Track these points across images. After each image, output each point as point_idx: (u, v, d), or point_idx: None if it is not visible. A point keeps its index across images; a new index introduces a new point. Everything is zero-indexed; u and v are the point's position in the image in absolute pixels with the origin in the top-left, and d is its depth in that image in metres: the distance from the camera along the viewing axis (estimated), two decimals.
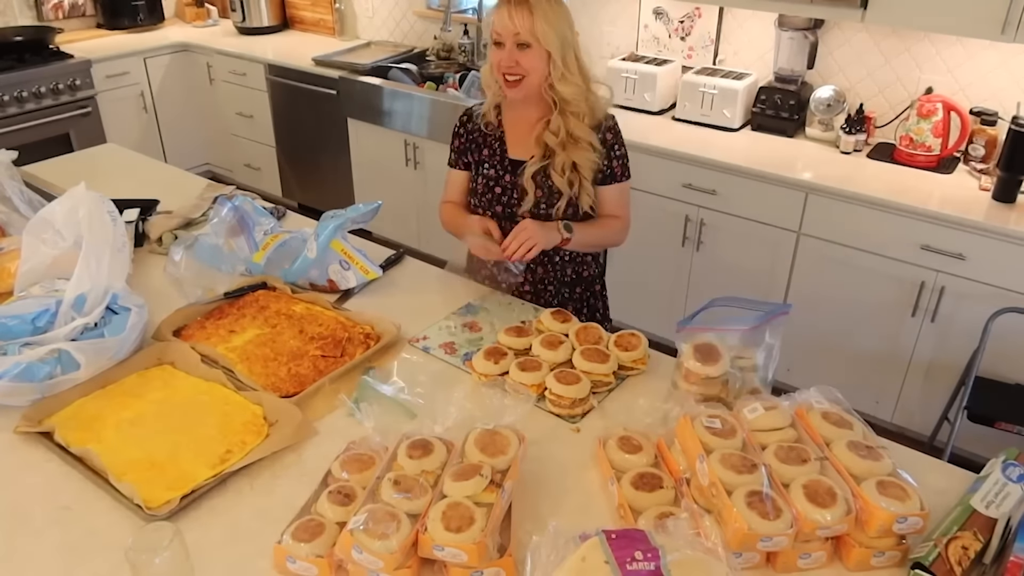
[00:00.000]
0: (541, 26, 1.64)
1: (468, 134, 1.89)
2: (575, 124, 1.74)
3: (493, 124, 1.86)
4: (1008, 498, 1.16)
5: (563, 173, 1.75)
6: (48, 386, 1.45)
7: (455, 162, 1.93)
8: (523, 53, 1.67)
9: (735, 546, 1.09)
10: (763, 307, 1.45)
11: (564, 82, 1.70)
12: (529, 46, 1.66)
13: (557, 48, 1.67)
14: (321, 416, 1.45)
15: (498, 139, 1.85)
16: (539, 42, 1.65)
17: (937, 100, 2.66)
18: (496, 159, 1.85)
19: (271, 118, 4.28)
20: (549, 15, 1.65)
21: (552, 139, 1.75)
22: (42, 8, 4.32)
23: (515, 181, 1.81)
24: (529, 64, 1.68)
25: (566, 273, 1.93)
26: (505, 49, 1.68)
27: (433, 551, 1.07)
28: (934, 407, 2.63)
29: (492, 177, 1.84)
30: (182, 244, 1.89)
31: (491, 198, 1.85)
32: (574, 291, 1.96)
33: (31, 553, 1.17)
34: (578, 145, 1.74)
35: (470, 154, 1.89)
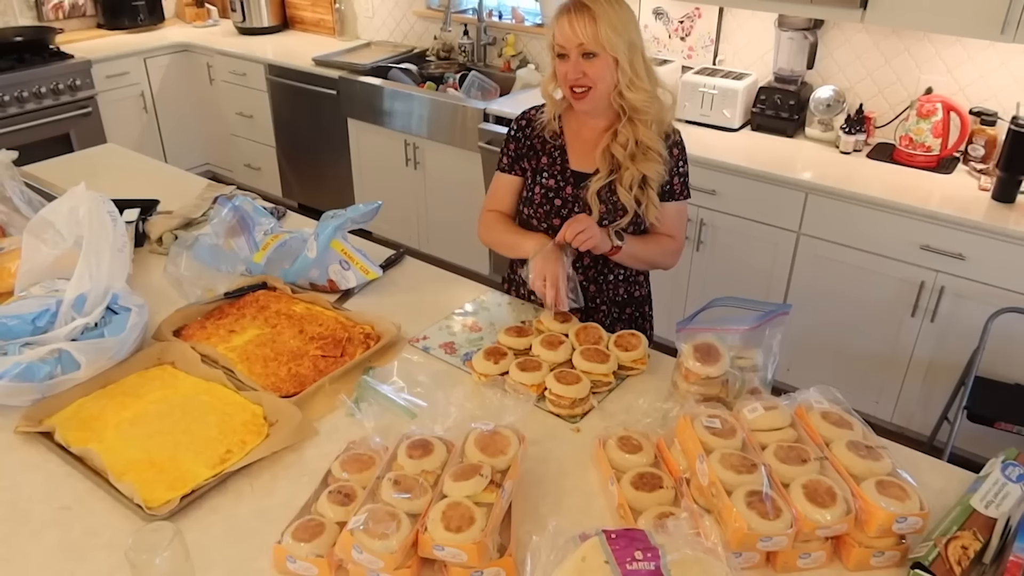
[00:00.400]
0: (606, 32, 1.55)
1: (527, 139, 1.79)
2: (644, 132, 1.65)
3: (554, 132, 1.76)
4: (1008, 498, 1.16)
5: (630, 189, 1.67)
6: (48, 386, 1.45)
7: (510, 167, 1.81)
8: (589, 63, 1.59)
9: (735, 546, 1.09)
10: (763, 307, 1.45)
11: (633, 89, 1.61)
12: (595, 55, 1.58)
13: (624, 53, 1.58)
14: (321, 416, 1.45)
15: (559, 148, 1.76)
16: (605, 50, 1.57)
17: (937, 100, 2.66)
18: (556, 168, 1.75)
19: (271, 118, 4.28)
20: (614, 20, 1.56)
21: (620, 151, 1.66)
22: (42, 8, 4.33)
23: (576, 194, 1.73)
24: (596, 74, 1.59)
25: (619, 293, 1.86)
26: (570, 60, 1.59)
27: (433, 551, 1.07)
28: (934, 407, 2.63)
29: (552, 188, 1.75)
30: (182, 244, 1.89)
31: (549, 210, 1.76)
32: (624, 311, 1.89)
33: (31, 553, 1.17)
34: (647, 156, 1.66)
35: (527, 160, 1.79)
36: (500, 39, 3.91)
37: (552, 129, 1.76)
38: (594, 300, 1.84)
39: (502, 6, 3.95)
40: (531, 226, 1.80)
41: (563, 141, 1.76)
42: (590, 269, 1.81)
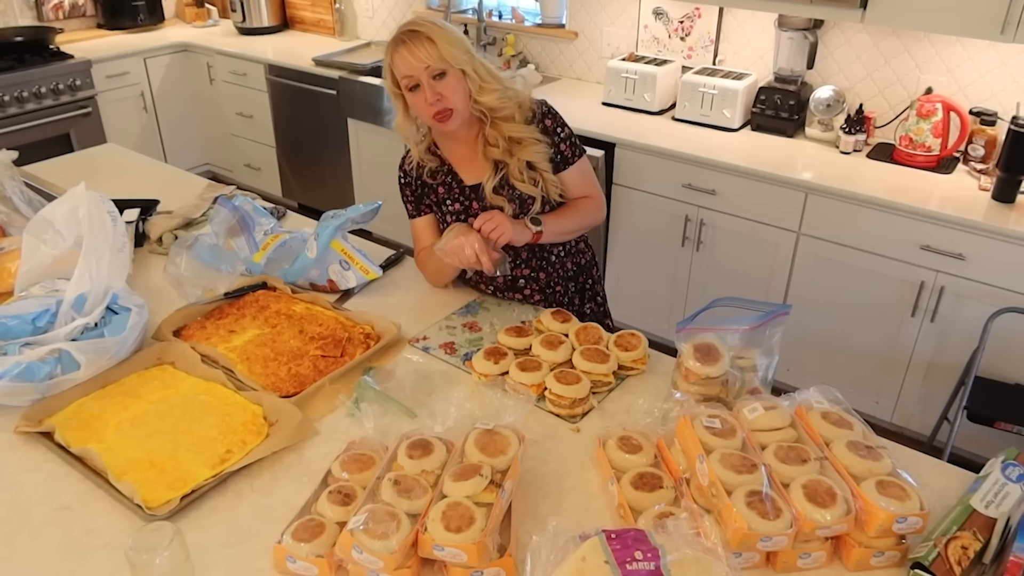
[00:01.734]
0: (446, 48, 1.59)
1: (415, 181, 1.82)
2: (509, 127, 1.69)
3: (436, 164, 1.79)
4: (1008, 498, 1.16)
5: (522, 177, 1.71)
6: (48, 386, 1.45)
7: (416, 211, 1.85)
8: (442, 83, 1.61)
9: (735, 546, 1.09)
10: (763, 307, 1.45)
11: (485, 92, 1.65)
12: (445, 73, 1.61)
13: (467, 63, 1.62)
14: (321, 416, 1.45)
15: (448, 173, 1.79)
16: (452, 65, 1.60)
17: (937, 100, 2.66)
18: (456, 192, 1.79)
19: (271, 118, 4.28)
20: (448, 36, 1.60)
21: (495, 152, 1.71)
22: (42, 8, 4.33)
23: (484, 205, 1.76)
24: (451, 90, 1.62)
25: (566, 268, 1.91)
26: (423, 87, 1.61)
27: (433, 551, 1.07)
28: (934, 407, 2.63)
29: (459, 211, 1.79)
30: (182, 244, 1.89)
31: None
32: (576, 282, 1.94)
33: (31, 553, 1.17)
34: (522, 144, 1.70)
35: (426, 198, 1.83)
36: (500, 39, 3.91)
37: (427, 163, 1.78)
38: (549, 285, 1.89)
39: (502, 6, 3.95)
40: None
41: (448, 165, 1.79)
42: (531, 260, 1.84)
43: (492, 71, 1.68)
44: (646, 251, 3.09)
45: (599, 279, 2.03)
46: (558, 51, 3.75)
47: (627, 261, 3.19)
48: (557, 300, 1.91)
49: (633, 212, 3.07)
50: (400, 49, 1.60)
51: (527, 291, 1.87)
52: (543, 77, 3.72)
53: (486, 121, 1.70)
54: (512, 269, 1.82)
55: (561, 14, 3.67)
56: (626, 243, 3.16)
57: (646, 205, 2.99)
